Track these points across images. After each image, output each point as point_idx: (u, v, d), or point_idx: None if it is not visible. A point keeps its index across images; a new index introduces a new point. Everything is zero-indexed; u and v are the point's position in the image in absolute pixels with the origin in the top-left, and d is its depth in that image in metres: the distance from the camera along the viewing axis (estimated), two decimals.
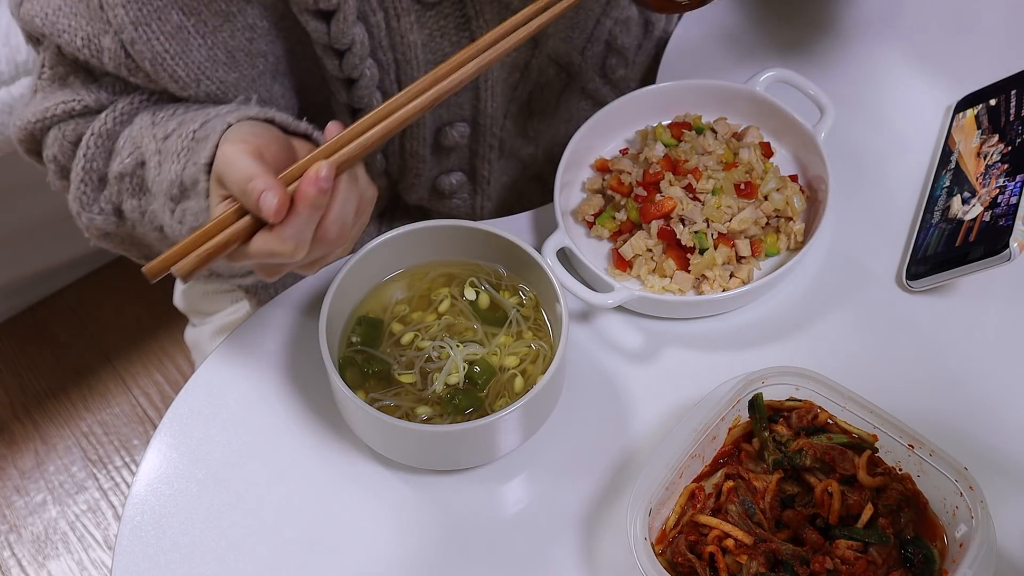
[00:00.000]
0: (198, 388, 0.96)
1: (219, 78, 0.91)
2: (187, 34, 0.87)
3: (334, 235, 0.75)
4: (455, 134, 1.05)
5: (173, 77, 0.89)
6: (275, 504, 0.91)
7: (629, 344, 0.98)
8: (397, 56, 0.96)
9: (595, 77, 1.12)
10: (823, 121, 1.04)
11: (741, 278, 0.98)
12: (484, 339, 0.92)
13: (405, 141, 1.04)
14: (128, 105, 0.93)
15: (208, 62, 0.89)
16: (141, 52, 0.87)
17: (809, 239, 0.98)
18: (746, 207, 0.99)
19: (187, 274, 0.73)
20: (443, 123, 1.04)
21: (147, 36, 0.86)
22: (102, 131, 0.92)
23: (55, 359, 1.94)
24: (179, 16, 0.86)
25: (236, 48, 0.90)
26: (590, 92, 1.14)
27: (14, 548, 1.76)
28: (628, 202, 1.01)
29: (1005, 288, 0.99)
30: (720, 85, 1.08)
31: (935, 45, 1.16)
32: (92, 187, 0.94)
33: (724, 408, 0.86)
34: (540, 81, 1.06)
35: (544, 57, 1.04)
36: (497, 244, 0.93)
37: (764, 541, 0.82)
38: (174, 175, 0.84)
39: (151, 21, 0.86)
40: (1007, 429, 0.92)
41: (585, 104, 1.15)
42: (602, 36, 1.08)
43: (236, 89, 0.92)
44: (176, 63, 0.88)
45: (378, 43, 0.95)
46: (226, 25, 0.89)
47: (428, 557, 0.88)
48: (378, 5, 0.93)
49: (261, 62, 0.93)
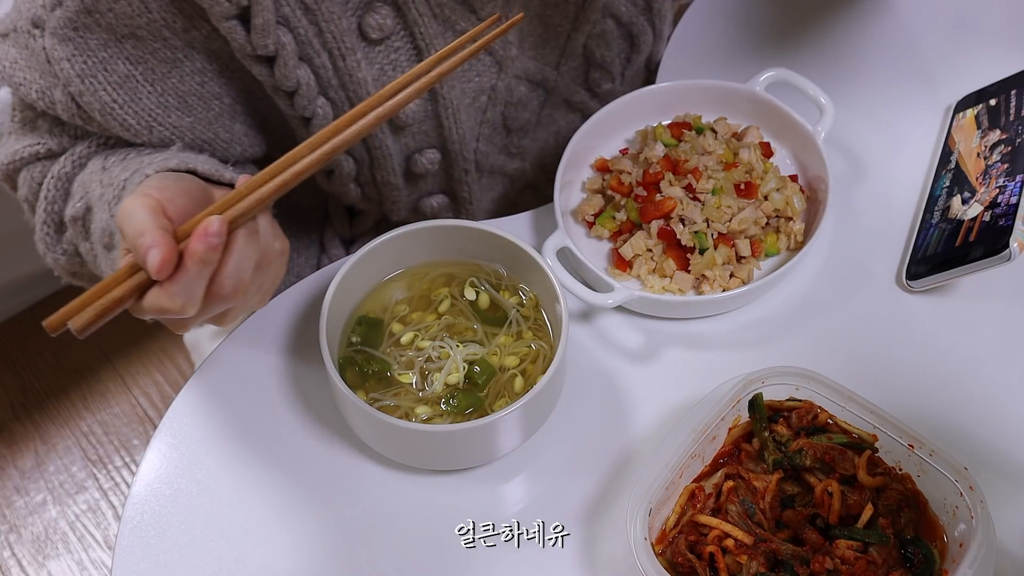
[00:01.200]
0: (198, 388, 0.96)
1: (171, 123, 0.91)
2: (135, 83, 0.88)
3: (229, 290, 0.73)
4: (425, 161, 1.04)
5: (124, 126, 0.90)
6: (275, 504, 0.91)
7: (629, 344, 0.98)
8: (349, 94, 0.96)
9: (580, 90, 1.11)
10: (823, 121, 1.04)
11: (741, 278, 0.98)
12: (484, 339, 0.92)
13: (375, 172, 1.04)
14: (85, 149, 0.93)
15: (159, 108, 0.90)
16: (90, 103, 0.88)
17: (809, 239, 0.98)
18: (746, 207, 0.99)
19: (82, 328, 0.71)
20: (411, 151, 1.04)
21: (94, 87, 0.87)
22: (60, 174, 0.93)
23: (55, 359, 1.94)
24: (125, 66, 0.87)
25: (187, 93, 0.91)
26: (577, 104, 1.13)
27: (14, 548, 1.76)
28: (628, 202, 1.01)
29: (1005, 288, 0.99)
30: (720, 85, 1.08)
31: (935, 45, 1.16)
32: (53, 229, 0.95)
33: (724, 408, 0.86)
34: (511, 100, 1.05)
35: (511, 78, 1.04)
36: (497, 244, 0.93)
37: (764, 541, 0.82)
38: (104, 224, 0.85)
39: (97, 73, 0.87)
40: (1007, 429, 0.92)
41: (573, 116, 1.14)
42: (576, 51, 1.07)
43: (192, 132, 0.92)
44: (125, 112, 0.89)
45: (327, 82, 0.95)
46: (174, 71, 0.89)
47: (428, 557, 0.88)
48: (321, 47, 0.92)
49: (216, 104, 0.94)
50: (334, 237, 1.18)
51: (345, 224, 1.18)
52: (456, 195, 1.10)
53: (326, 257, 1.19)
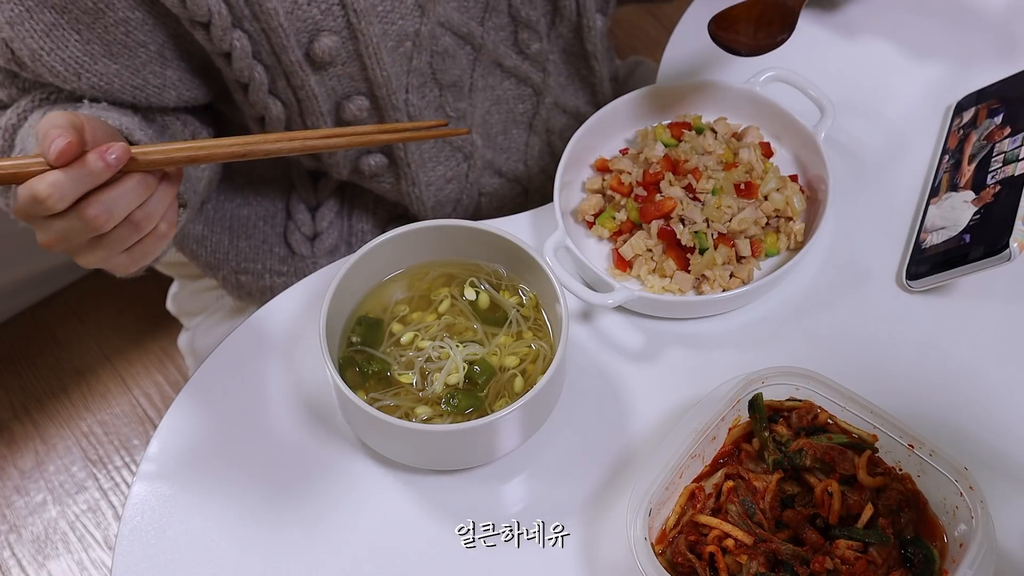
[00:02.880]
0: (198, 388, 0.96)
1: (99, 71, 0.94)
2: (61, 30, 0.91)
3: (92, 214, 0.77)
4: (354, 108, 1.04)
5: (52, 72, 0.93)
6: (275, 504, 0.91)
7: (629, 344, 0.98)
8: (263, 26, 0.97)
9: (511, 53, 1.11)
10: (823, 121, 1.04)
11: (741, 278, 0.98)
12: (484, 339, 0.92)
13: (305, 118, 1.05)
14: (29, 103, 0.97)
15: (86, 56, 0.93)
16: (20, 49, 0.91)
17: (809, 239, 0.98)
18: (746, 207, 0.99)
19: None
20: (340, 97, 1.04)
21: (23, 34, 0.90)
22: (7, 126, 0.96)
23: (55, 359, 1.94)
24: (51, 14, 0.90)
25: (112, 41, 0.94)
26: (510, 69, 1.12)
27: (14, 548, 1.76)
28: (628, 202, 1.01)
29: (1005, 288, 0.99)
30: (720, 84, 1.08)
31: (935, 45, 1.16)
32: None
33: (724, 408, 0.86)
34: (436, 50, 1.05)
35: (434, 24, 1.03)
36: (497, 244, 0.93)
37: (764, 541, 0.82)
38: None
39: (24, 20, 0.90)
40: (1007, 429, 0.92)
41: (509, 83, 1.14)
42: (501, 7, 1.07)
43: (120, 79, 0.96)
44: (53, 58, 0.92)
45: (240, 12, 0.95)
46: (98, 21, 0.92)
47: (428, 557, 0.88)
48: None
49: (143, 52, 0.96)
50: (299, 203, 1.20)
51: (309, 189, 1.19)
52: (392, 155, 1.10)
53: (292, 223, 1.19)
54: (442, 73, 1.07)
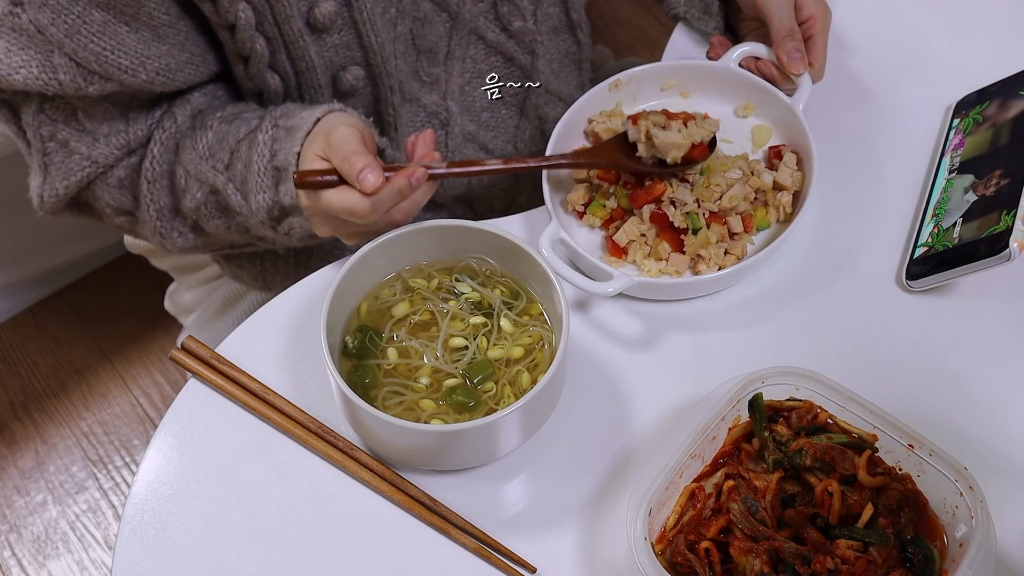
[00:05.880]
0: (198, 388, 0.96)
1: (154, 54, 0.98)
2: (112, 26, 0.95)
3: (400, 217, 0.92)
4: (350, 78, 1.06)
5: (121, 68, 0.97)
6: (275, 504, 0.91)
7: (628, 331, 0.98)
8: None
9: (492, 26, 1.11)
10: (800, 92, 1.05)
11: (736, 254, 0.99)
12: (483, 336, 0.92)
13: (303, 91, 1.07)
14: (158, 147, 1.03)
15: (141, 44, 0.97)
16: (85, 57, 0.94)
17: (798, 211, 0.99)
18: (734, 184, 1.00)
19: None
20: (337, 68, 1.06)
21: (83, 41, 0.94)
22: (153, 176, 1.04)
23: (55, 359, 1.94)
24: (99, 13, 0.94)
25: (157, 25, 0.97)
26: (491, 43, 1.13)
27: (14, 548, 1.76)
28: (617, 189, 1.01)
29: (1005, 288, 0.99)
30: (697, 64, 1.10)
31: (935, 45, 1.16)
32: (167, 219, 1.06)
33: (724, 408, 0.86)
34: (418, 16, 1.06)
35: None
36: (493, 242, 0.93)
37: (767, 539, 0.82)
38: (268, 202, 0.98)
39: (79, 27, 0.93)
40: (1007, 429, 0.92)
41: (496, 60, 1.14)
42: None
43: (174, 58, 1.00)
44: (117, 55, 0.96)
45: None
46: (142, 9, 0.95)
47: (428, 557, 0.88)
48: None
49: (182, 25, 0.99)
50: None
51: None
52: (383, 120, 1.11)
53: None
54: (420, 39, 1.08)
